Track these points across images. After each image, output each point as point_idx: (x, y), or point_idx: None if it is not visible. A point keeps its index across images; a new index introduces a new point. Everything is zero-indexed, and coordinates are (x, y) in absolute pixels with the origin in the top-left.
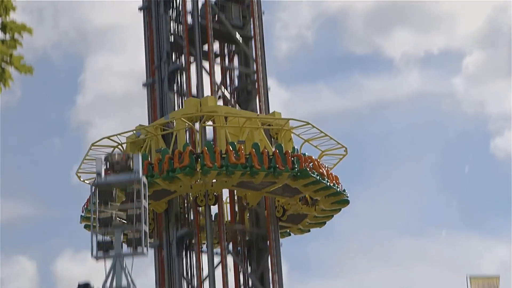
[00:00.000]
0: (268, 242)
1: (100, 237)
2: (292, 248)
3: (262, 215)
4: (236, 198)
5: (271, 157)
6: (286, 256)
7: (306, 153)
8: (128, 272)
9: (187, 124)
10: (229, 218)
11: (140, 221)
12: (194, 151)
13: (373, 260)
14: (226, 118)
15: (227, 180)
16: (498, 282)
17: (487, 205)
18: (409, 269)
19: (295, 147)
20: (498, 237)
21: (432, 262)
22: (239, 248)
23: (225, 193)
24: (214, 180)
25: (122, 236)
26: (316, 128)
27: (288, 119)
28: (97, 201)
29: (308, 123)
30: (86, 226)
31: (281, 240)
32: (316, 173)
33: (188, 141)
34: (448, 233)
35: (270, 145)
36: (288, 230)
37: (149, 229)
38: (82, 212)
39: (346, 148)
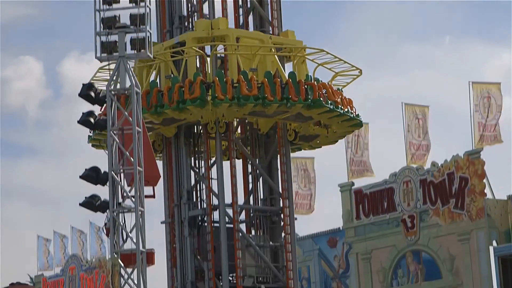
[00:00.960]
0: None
1: (104, 38)
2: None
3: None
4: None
5: (283, 86)
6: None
7: (320, 78)
8: (132, 73)
9: (197, 50)
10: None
11: (144, 22)
12: (205, 80)
13: (376, 67)
14: (237, 39)
15: (238, 110)
16: (499, 89)
17: (491, 12)
18: (412, 76)
19: (309, 74)
20: (502, 44)
21: (435, 68)
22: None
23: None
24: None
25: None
26: (331, 54)
27: (303, 47)
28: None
29: (323, 50)
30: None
31: None
32: (330, 102)
33: (198, 66)
34: (451, 39)
35: (283, 70)
36: (299, 146)
37: (158, 152)
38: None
39: (360, 70)
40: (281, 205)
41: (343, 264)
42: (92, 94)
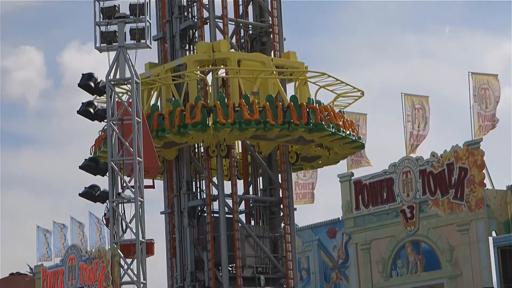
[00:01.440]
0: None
1: (104, 28)
2: (296, 41)
3: (274, 161)
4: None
5: (285, 109)
6: (290, 49)
7: (322, 99)
8: (131, 64)
9: (198, 75)
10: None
11: (144, 13)
12: (206, 104)
13: (375, 56)
14: (239, 62)
15: (240, 134)
16: (497, 79)
17: (491, 2)
18: (411, 65)
19: (311, 96)
20: (502, 34)
21: (434, 58)
22: None
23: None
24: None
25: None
26: (332, 77)
27: (305, 70)
28: None
29: (324, 74)
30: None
31: None
32: (332, 126)
33: (199, 89)
34: (451, 29)
35: (284, 93)
36: (300, 167)
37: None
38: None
39: (362, 92)
40: (281, 195)
41: (343, 255)
42: (92, 84)
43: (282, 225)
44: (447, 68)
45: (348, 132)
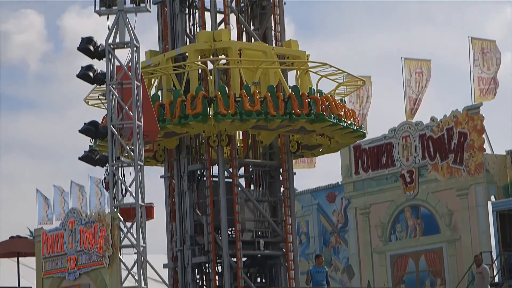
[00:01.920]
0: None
1: None
2: (298, 9)
3: (276, 148)
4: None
5: (286, 100)
6: (292, 16)
7: (324, 86)
8: (131, 28)
9: (199, 65)
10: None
11: None
12: (207, 95)
13: (376, 22)
14: (240, 52)
15: (241, 124)
16: (496, 45)
17: None
18: (412, 31)
19: (312, 85)
20: None
21: (435, 24)
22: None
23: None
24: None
25: None
26: (334, 67)
27: (306, 61)
28: None
29: (326, 64)
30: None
31: None
32: (333, 116)
33: (200, 78)
34: None
35: (285, 82)
36: (301, 154)
37: (159, 162)
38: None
39: (364, 81)
40: (280, 159)
41: (342, 219)
42: (91, 48)
43: (282, 189)
44: (448, 33)
45: (349, 122)
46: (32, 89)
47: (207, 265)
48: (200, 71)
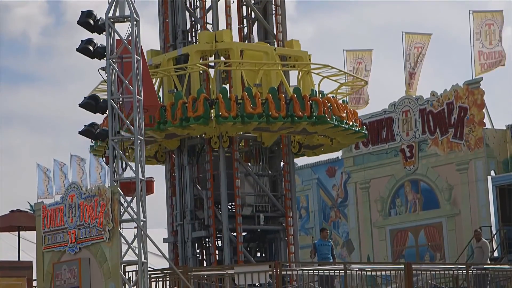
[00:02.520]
0: None
1: None
2: None
3: (277, 152)
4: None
5: (288, 102)
6: None
7: (325, 90)
8: (131, 1)
9: (201, 67)
10: None
11: None
12: (209, 97)
13: None
14: (241, 52)
15: (242, 127)
16: (501, 16)
17: None
18: (414, 4)
19: (314, 87)
20: None
21: None
22: None
23: None
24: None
25: None
26: (336, 68)
27: (308, 63)
28: None
29: (328, 66)
30: (95, 154)
31: None
32: (335, 118)
33: (201, 80)
34: None
35: (287, 83)
36: (303, 153)
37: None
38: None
39: (365, 81)
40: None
41: (342, 193)
42: (91, 21)
43: (282, 164)
44: (450, 6)
45: (351, 123)
46: (32, 63)
47: (207, 239)
48: (201, 71)
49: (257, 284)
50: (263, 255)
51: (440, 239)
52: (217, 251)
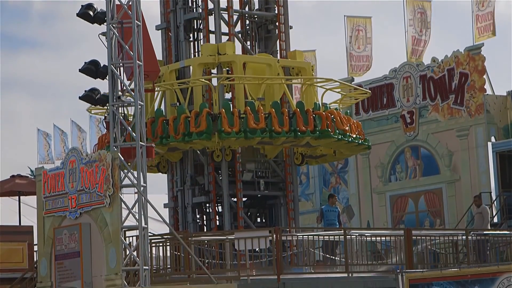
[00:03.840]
0: None
1: None
2: None
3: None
4: None
5: (291, 116)
6: None
7: (329, 101)
8: None
9: (204, 81)
10: None
11: None
12: (211, 112)
13: None
14: (244, 65)
15: (245, 141)
16: None
17: None
18: None
19: (317, 102)
20: None
21: None
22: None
23: None
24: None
25: None
26: (339, 82)
27: (312, 77)
28: None
29: (331, 80)
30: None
31: None
32: (338, 131)
33: (204, 90)
34: None
35: (290, 96)
36: (305, 162)
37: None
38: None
39: (369, 92)
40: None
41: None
42: None
43: None
44: None
45: (354, 136)
46: (33, 28)
47: (207, 205)
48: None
49: (257, 250)
50: (263, 220)
51: (440, 205)
52: (217, 216)
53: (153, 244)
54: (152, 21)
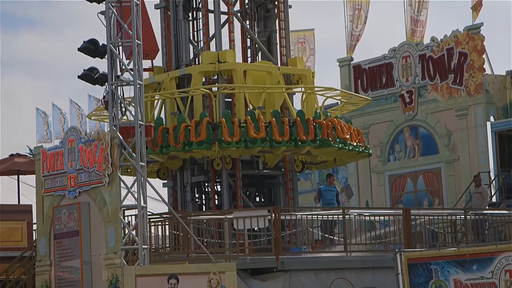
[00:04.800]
0: None
1: None
2: None
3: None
4: None
5: (292, 125)
6: None
7: (329, 108)
8: None
9: (204, 90)
10: None
11: None
12: (212, 121)
13: None
14: (245, 72)
15: (245, 151)
16: None
17: None
18: None
19: (318, 110)
20: None
21: None
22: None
23: None
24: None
25: None
26: (340, 90)
27: (312, 86)
28: None
29: (332, 88)
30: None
31: None
32: (339, 140)
33: (204, 101)
34: None
35: (291, 104)
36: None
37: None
38: None
39: (370, 100)
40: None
41: None
42: None
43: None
44: None
45: (355, 144)
46: (32, 7)
47: (206, 184)
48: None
49: (256, 229)
50: (262, 200)
51: (439, 184)
52: (216, 195)
53: (152, 223)
54: (151, 0)
